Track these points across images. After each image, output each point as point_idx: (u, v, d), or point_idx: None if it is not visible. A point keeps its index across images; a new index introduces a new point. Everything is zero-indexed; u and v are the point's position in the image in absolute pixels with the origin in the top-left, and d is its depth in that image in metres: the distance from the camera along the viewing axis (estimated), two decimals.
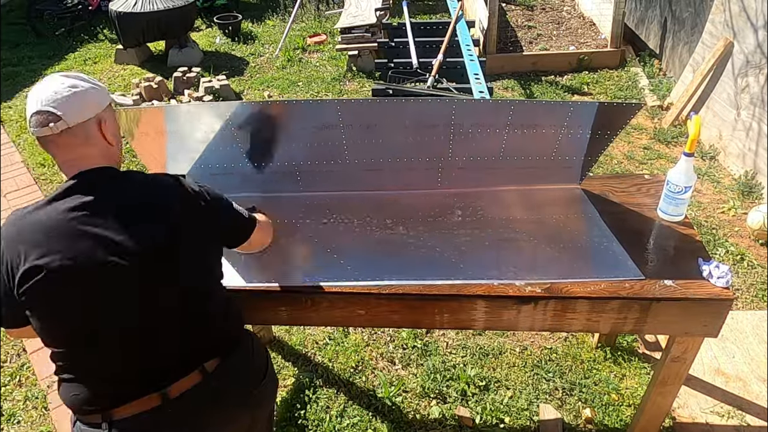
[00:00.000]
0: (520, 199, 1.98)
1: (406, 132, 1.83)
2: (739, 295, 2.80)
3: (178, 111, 1.88)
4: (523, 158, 1.91)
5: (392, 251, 1.76)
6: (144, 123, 1.82)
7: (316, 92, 5.15)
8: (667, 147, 4.05)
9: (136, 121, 1.81)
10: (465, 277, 1.64)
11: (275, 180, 1.98)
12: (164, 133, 1.83)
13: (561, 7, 6.28)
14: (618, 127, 1.81)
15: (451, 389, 2.38)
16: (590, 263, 1.69)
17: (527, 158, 1.92)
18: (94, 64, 5.98)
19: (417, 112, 1.80)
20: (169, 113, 1.82)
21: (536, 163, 1.94)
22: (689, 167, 1.75)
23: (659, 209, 1.86)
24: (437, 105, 1.85)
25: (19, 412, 2.43)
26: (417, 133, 1.83)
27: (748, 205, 3.41)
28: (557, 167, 1.96)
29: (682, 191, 1.77)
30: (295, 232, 1.86)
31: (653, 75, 5.04)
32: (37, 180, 4.07)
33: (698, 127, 1.71)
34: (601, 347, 2.51)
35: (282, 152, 1.89)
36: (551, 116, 1.80)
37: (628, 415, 2.24)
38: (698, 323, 1.60)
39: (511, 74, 5.27)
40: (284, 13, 6.95)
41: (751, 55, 3.70)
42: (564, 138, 1.84)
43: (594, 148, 1.89)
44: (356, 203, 1.98)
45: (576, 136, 1.83)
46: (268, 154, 1.90)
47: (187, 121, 1.81)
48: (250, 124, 1.80)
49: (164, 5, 5.57)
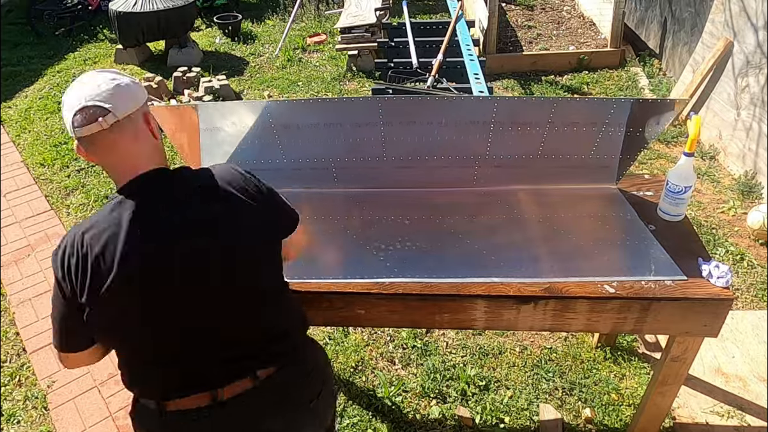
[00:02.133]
0: (556, 199, 1.97)
1: (445, 130, 1.81)
2: (739, 295, 2.80)
3: (211, 108, 1.87)
4: (561, 157, 1.90)
5: (429, 249, 1.76)
6: (177, 120, 1.83)
7: (316, 92, 5.15)
8: (666, 147, 4.04)
9: (171, 119, 1.82)
10: (501, 275, 1.64)
11: (310, 176, 1.98)
12: (198, 130, 1.84)
13: (561, 7, 6.28)
14: (659, 125, 1.78)
15: (451, 389, 2.38)
16: (629, 263, 1.68)
17: (565, 157, 1.90)
18: (94, 64, 5.98)
19: (458, 109, 1.79)
20: (202, 111, 1.83)
21: (574, 162, 1.92)
22: (689, 167, 1.75)
23: (659, 209, 1.86)
24: (479, 102, 1.83)
25: (19, 412, 2.43)
26: (456, 131, 1.82)
27: (748, 205, 3.41)
28: (595, 166, 1.94)
29: (682, 191, 1.77)
30: (328, 227, 1.87)
31: (653, 75, 5.04)
32: (37, 180, 4.07)
33: (698, 127, 1.71)
34: (601, 347, 2.51)
35: (318, 148, 1.89)
36: (593, 114, 1.77)
37: (628, 415, 2.24)
38: (698, 323, 1.60)
39: (511, 74, 5.27)
40: (284, 13, 6.94)
41: (751, 55, 3.70)
42: (603, 136, 1.82)
43: (632, 146, 1.86)
44: (391, 200, 1.98)
45: (616, 134, 1.81)
46: (304, 150, 1.90)
47: (221, 117, 1.81)
48: (286, 120, 1.80)
49: (164, 5, 5.57)
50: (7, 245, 3.44)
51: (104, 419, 2.39)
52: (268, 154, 1.91)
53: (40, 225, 3.61)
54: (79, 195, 3.87)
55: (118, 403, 2.45)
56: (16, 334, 2.83)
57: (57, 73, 5.76)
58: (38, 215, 3.70)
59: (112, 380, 2.56)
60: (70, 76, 5.66)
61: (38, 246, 3.42)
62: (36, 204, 3.81)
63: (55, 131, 4.64)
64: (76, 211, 3.72)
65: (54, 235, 3.51)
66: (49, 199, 3.86)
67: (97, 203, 3.74)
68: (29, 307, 2.98)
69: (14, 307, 2.98)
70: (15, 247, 3.43)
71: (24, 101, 5.24)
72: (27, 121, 4.88)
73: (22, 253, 3.37)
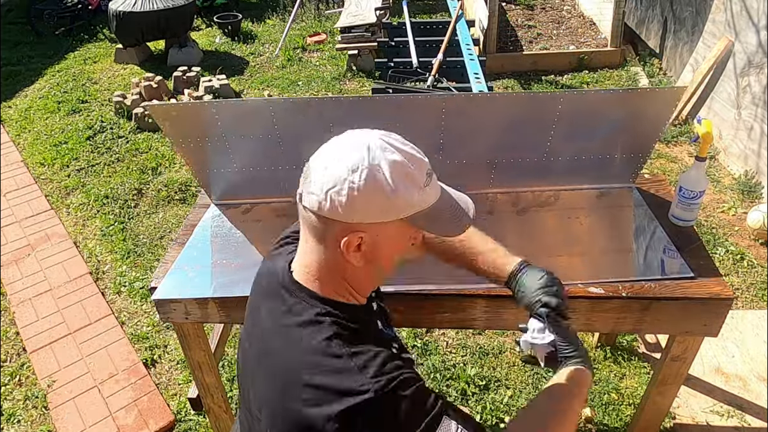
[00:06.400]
0: (574, 199, 1.95)
1: (463, 130, 1.79)
2: (739, 294, 2.80)
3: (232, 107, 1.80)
4: (576, 157, 1.88)
5: None
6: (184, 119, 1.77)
7: (316, 91, 5.15)
8: (667, 146, 4.04)
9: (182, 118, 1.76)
10: None
11: None
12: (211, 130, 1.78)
13: (561, 7, 6.28)
14: (664, 116, 1.76)
15: (450, 389, 2.38)
16: (644, 263, 1.67)
17: (581, 156, 1.88)
18: (94, 63, 5.98)
19: (477, 107, 1.77)
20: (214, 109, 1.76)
21: (590, 161, 1.89)
22: (702, 172, 1.72)
23: (671, 215, 1.82)
24: (497, 99, 1.79)
25: (19, 412, 2.43)
26: (474, 131, 1.80)
27: (748, 205, 3.41)
28: (610, 164, 1.91)
29: (696, 196, 1.74)
30: None
31: (653, 74, 5.03)
32: (37, 180, 4.07)
33: (710, 130, 1.68)
34: (601, 347, 2.51)
35: None
36: (603, 106, 1.75)
37: (628, 415, 2.24)
38: (698, 323, 1.60)
39: (511, 73, 5.27)
40: (284, 12, 6.94)
41: (752, 55, 3.69)
42: (616, 131, 1.80)
43: (646, 140, 1.84)
44: None
45: (629, 127, 1.79)
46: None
47: (242, 117, 1.77)
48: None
49: (164, 4, 5.57)
50: (7, 245, 3.44)
51: (104, 419, 2.39)
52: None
53: (40, 225, 3.61)
54: (79, 195, 3.87)
55: (118, 403, 2.45)
56: (16, 334, 2.83)
57: (57, 73, 5.76)
58: (38, 215, 3.70)
59: (112, 380, 2.56)
60: (70, 75, 5.67)
61: (38, 246, 3.42)
62: (36, 204, 3.81)
63: (55, 131, 4.64)
64: (76, 211, 3.72)
65: (54, 234, 3.51)
66: (49, 198, 3.86)
67: (97, 203, 3.74)
68: (29, 306, 2.98)
69: (14, 307, 2.98)
70: (15, 246, 3.43)
71: (24, 101, 5.23)
72: (27, 120, 4.88)
73: (22, 253, 3.37)
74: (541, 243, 1.79)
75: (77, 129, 4.62)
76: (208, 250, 1.81)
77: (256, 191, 1.97)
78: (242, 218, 1.94)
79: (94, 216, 3.65)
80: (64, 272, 3.20)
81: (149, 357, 2.66)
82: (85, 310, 2.94)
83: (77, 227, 3.58)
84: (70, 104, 5.04)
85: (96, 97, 5.18)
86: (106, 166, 4.14)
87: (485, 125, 1.79)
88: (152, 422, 2.36)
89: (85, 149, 4.35)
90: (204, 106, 1.74)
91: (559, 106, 1.72)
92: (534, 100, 1.80)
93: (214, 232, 1.88)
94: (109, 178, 4.01)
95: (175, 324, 1.77)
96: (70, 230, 3.55)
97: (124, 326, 2.84)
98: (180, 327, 1.78)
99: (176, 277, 1.71)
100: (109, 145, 4.40)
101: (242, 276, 1.68)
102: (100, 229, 3.54)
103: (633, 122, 1.78)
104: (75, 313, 2.93)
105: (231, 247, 1.81)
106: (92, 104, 5.06)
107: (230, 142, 1.81)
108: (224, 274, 1.71)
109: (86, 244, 3.42)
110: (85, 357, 2.68)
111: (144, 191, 3.85)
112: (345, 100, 1.76)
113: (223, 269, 1.73)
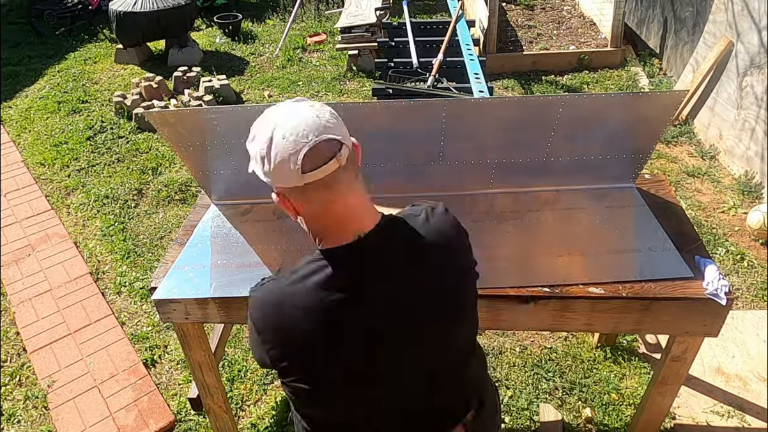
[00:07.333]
0: (574, 199, 1.95)
1: (464, 132, 1.80)
2: (739, 295, 2.80)
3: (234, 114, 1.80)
4: (576, 158, 1.88)
5: None
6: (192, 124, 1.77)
7: (316, 92, 5.15)
8: (667, 147, 4.04)
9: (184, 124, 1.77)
10: (520, 279, 1.62)
11: None
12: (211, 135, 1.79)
13: (561, 7, 6.28)
14: (664, 119, 1.77)
15: None
16: (644, 264, 1.67)
17: (581, 157, 1.88)
18: (94, 63, 5.98)
19: (477, 111, 1.78)
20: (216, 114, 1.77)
21: (590, 162, 1.90)
22: None
23: None
24: (498, 103, 1.80)
25: (19, 412, 2.43)
26: (474, 134, 1.81)
27: (748, 205, 3.40)
28: (610, 165, 1.92)
29: None
30: None
31: (654, 74, 5.03)
32: (37, 180, 4.07)
33: None
34: (601, 347, 2.51)
35: None
36: (603, 109, 1.76)
37: (628, 415, 2.24)
38: (698, 323, 1.60)
39: (511, 74, 5.26)
40: (284, 12, 6.94)
41: (753, 56, 3.69)
42: (617, 133, 1.81)
43: (646, 142, 1.85)
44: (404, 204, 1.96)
45: (628, 130, 1.80)
46: None
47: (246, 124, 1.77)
48: None
49: (164, 5, 5.57)
50: (8, 245, 3.44)
51: (104, 419, 2.39)
52: None
53: (40, 225, 3.61)
54: (79, 195, 3.87)
55: (118, 403, 2.45)
56: (16, 334, 2.83)
57: (57, 73, 5.76)
58: (38, 215, 3.70)
59: (113, 380, 2.56)
60: (70, 76, 5.66)
61: (38, 246, 3.43)
62: (36, 204, 3.81)
63: (55, 131, 4.65)
64: (76, 211, 3.72)
65: (54, 234, 3.51)
66: (49, 198, 3.86)
67: (97, 203, 3.74)
68: (29, 306, 2.98)
69: (14, 307, 2.98)
70: (15, 246, 3.43)
71: (24, 101, 5.24)
72: (27, 120, 4.88)
73: (23, 253, 3.37)
74: (542, 243, 1.79)
75: (77, 129, 4.62)
76: (208, 250, 1.81)
77: (256, 192, 1.96)
78: (242, 218, 1.94)
79: (95, 216, 3.65)
80: (64, 272, 3.21)
81: (149, 357, 2.66)
82: (85, 310, 2.94)
83: (77, 227, 3.58)
84: (70, 104, 5.04)
85: (96, 97, 5.18)
86: (107, 167, 4.14)
87: (485, 130, 1.80)
88: (152, 422, 2.37)
89: (85, 149, 4.35)
90: (203, 111, 1.74)
91: (559, 110, 1.73)
92: (534, 105, 1.80)
93: (214, 233, 1.88)
94: (110, 178, 4.01)
95: (175, 324, 1.77)
96: (70, 230, 3.55)
97: (124, 326, 2.84)
98: (180, 327, 1.78)
99: (176, 277, 1.71)
100: (110, 145, 4.40)
101: (242, 276, 1.68)
102: (100, 229, 3.54)
103: (633, 125, 1.78)
104: (75, 313, 2.93)
105: (231, 247, 1.82)
106: (92, 104, 5.06)
107: (230, 145, 1.82)
108: (224, 274, 1.72)
109: (86, 244, 3.43)
110: (85, 357, 2.68)
111: (144, 191, 3.86)
112: (343, 106, 1.77)
113: (223, 269, 1.73)
